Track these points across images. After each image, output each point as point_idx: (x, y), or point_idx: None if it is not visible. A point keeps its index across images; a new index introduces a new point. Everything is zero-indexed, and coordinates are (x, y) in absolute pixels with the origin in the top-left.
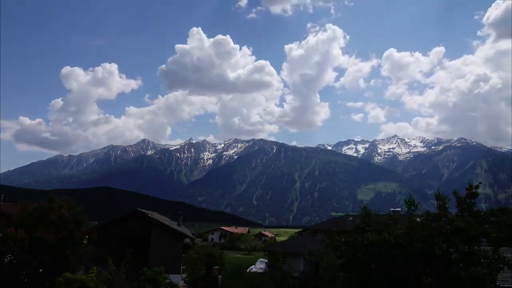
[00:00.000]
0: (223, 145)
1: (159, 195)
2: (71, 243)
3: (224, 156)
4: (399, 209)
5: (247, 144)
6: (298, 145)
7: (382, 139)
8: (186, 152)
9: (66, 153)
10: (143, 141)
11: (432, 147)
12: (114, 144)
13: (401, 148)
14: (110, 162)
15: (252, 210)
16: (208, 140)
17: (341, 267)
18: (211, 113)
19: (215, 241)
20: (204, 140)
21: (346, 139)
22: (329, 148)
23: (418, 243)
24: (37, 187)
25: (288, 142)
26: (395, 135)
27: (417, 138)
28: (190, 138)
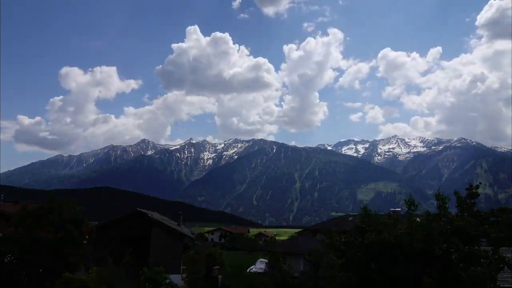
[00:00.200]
0: (223, 145)
1: (159, 195)
2: (71, 243)
3: (224, 156)
4: (399, 209)
5: (247, 144)
6: (298, 145)
7: (382, 139)
8: (186, 152)
9: (65, 153)
10: (143, 141)
11: (432, 147)
12: (114, 144)
13: (401, 148)
14: (110, 162)
15: (252, 210)
16: (208, 140)
17: (341, 267)
18: (209, 113)
19: (215, 241)
20: (204, 140)
21: (346, 139)
22: (329, 148)
23: (418, 243)
24: (37, 187)
25: (287, 142)
26: (395, 135)
27: (417, 138)
28: (190, 138)
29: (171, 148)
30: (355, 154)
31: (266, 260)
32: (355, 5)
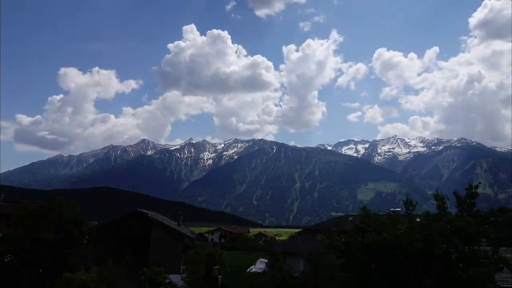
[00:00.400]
0: (223, 145)
1: (159, 195)
2: (71, 243)
3: (224, 156)
4: (399, 209)
5: (247, 144)
6: (298, 145)
7: (382, 139)
8: (186, 152)
9: (65, 153)
10: (143, 141)
11: (432, 147)
12: (114, 144)
13: (401, 148)
14: (110, 162)
15: (252, 210)
16: (208, 140)
17: (341, 267)
18: (207, 113)
19: (215, 241)
20: (204, 140)
21: (346, 139)
22: (329, 148)
23: (418, 243)
24: (37, 187)
25: (286, 142)
26: (395, 135)
27: (417, 138)
28: (190, 138)
29: (171, 148)
30: (355, 154)
31: (266, 260)
32: (350, 6)
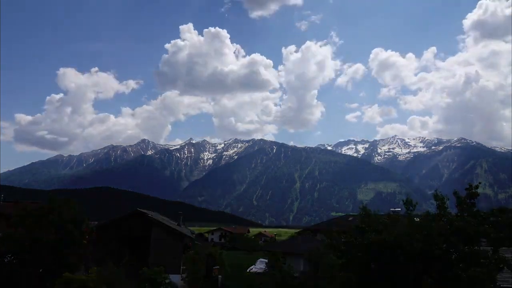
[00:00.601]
0: (223, 145)
1: (159, 195)
2: (71, 243)
3: (224, 156)
4: (399, 209)
5: (247, 144)
6: (298, 145)
7: (382, 139)
8: (186, 152)
9: (64, 152)
10: (143, 141)
11: (432, 147)
12: (114, 144)
13: (401, 148)
14: (110, 162)
15: (252, 210)
16: (208, 140)
17: (341, 267)
18: (205, 113)
19: (215, 241)
20: (204, 140)
21: (346, 139)
22: (329, 148)
23: (418, 243)
24: (37, 187)
25: (286, 142)
26: (395, 135)
27: (417, 138)
28: (190, 138)
29: (171, 148)
30: (355, 154)
31: (266, 260)
32: (347, 6)
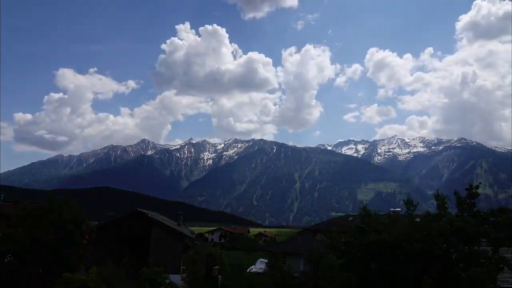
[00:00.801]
0: (223, 145)
1: (159, 195)
2: (71, 243)
3: (224, 156)
4: (399, 209)
5: (247, 144)
6: (298, 145)
7: (382, 139)
8: (186, 152)
9: (64, 152)
10: (143, 141)
11: (432, 147)
12: (114, 144)
13: (401, 148)
14: (110, 162)
15: (252, 210)
16: (208, 140)
17: (341, 267)
18: (204, 113)
19: (215, 241)
20: (204, 140)
21: (346, 139)
22: (329, 148)
23: (418, 243)
24: (37, 187)
25: (285, 142)
26: (395, 135)
27: (417, 138)
28: (190, 138)
29: (171, 148)
30: (355, 154)
31: (266, 260)
32: (343, 6)
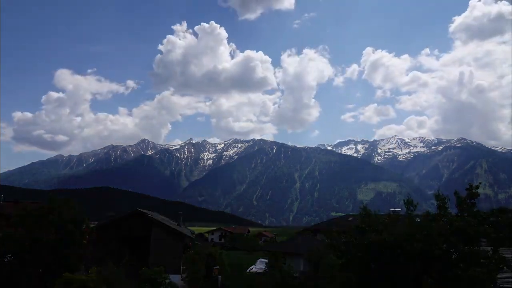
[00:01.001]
0: (223, 145)
1: (159, 195)
2: (71, 243)
3: (224, 156)
4: (399, 209)
5: (247, 144)
6: (298, 145)
7: (382, 139)
8: (186, 152)
9: (64, 152)
10: (143, 141)
11: (432, 147)
12: (114, 144)
13: (401, 148)
14: (110, 162)
15: (252, 210)
16: (208, 140)
17: (341, 267)
18: (203, 113)
19: (215, 241)
20: (204, 140)
21: (346, 139)
22: (329, 148)
23: (418, 243)
24: (37, 187)
25: (285, 142)
26: (395, 135)
27: (417, 138)
28: (190, 138)
29: (171, 148)
30: (355, 154)
31: (266, 260)
32: (341, 6)
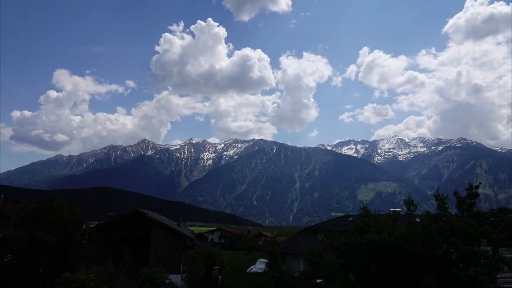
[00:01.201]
0: (223, 145)
1: (159, 195)
2: (71, 243)
3: (224, 156)
4: (399, 209)
5: (247, 144)
6: (298, 145)
7: (382, 139)
8: (186, 152)
9: (64, 153)
10: (143, 141)
11: (432, 147)
12: (114, 144)
13: (401, 148)
14: (110, 162)
15: (252, 210)
16: (208, 140)
17: (341, 267)
18: (203, 114)
19: (215, 241)
20: (204, 140)
21: (346, 139)
22: (329, 148)
23: (418, 244)
24: (37, 187)
25: (284, 142)
26: (395, 135)
27: (417, 138)
28: (190, 138)
29: (171, 148)
30: (355, 154)
31: (266, 260)
32: (338, 7)
